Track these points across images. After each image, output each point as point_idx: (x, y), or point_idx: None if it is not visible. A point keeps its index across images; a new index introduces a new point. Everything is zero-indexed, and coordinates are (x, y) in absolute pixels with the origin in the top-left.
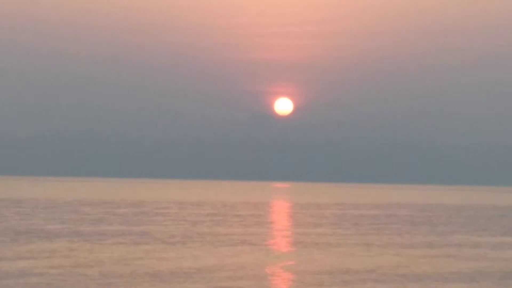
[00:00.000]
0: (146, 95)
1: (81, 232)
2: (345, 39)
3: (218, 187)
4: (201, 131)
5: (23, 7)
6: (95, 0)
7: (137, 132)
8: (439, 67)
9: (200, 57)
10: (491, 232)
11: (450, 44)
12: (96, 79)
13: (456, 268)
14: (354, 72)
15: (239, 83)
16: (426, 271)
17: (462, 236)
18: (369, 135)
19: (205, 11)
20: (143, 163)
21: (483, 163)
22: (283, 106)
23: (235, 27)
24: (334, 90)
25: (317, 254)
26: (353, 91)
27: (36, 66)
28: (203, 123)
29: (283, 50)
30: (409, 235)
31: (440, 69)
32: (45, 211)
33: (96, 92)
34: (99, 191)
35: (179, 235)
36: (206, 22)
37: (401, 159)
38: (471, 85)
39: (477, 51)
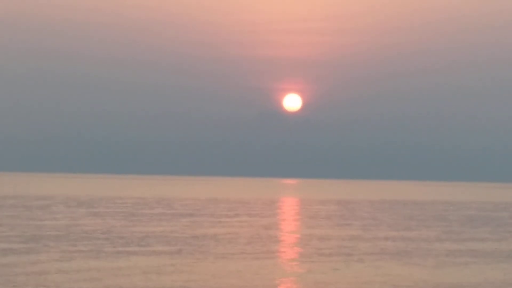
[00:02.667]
0: (155, 93)
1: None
2: (354, 36)
3: (226, 184)
4: (210, 128)
5: (24, 6)
6: None
7: (146, 130)
8: (449, 65)
9: (209, 54)
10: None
11: (460, 41)
12: (107, 78)
13: None
14: (363, 69)
15: (248, 80)
16: None
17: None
18: (377, 132)
19: (214, 9)
20: (151, 160)
21: (497, 160)
22: (292, 102)
23: (244, 24)
24: (343, 87)
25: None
26: (362, 88)
27: (40, 65)
28: (212, 119)
29: (292, 47)
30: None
31: (451, 67)
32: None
33: (106, 91)
34: (117, 188)
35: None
36: (215, 19)
37: (410, 156)
38: (488, 83)
39: (490, 48)
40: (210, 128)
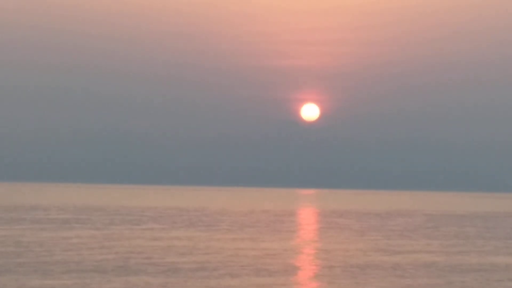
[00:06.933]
0: (169, 104)
1: None
2: (370, 46)
3: (244, 194)
4: (228, 138)
5: (29, 5)
6: (124, 5)
7: (161, 138)
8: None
9: (227, 64)
10: None
11: (476, 44)
12: (122, 92)
13: None
14: (381, 78)
15: (265, 90)
16: None
17: None
18: (397, 142)
19: (232, 19)
20: (167, 170)
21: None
22: (310, 112)
23: (261, 35)
24: (361, 96)
25: None
26: (379, 97)
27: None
28: (229, 129)
29: (309, 57)
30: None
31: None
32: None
33: (119, 91)
34: (146, 198)
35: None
36: (233, 29)
37: (428, 165)
38: (494, 87)
39: (491, 54)
40: (227, 138)
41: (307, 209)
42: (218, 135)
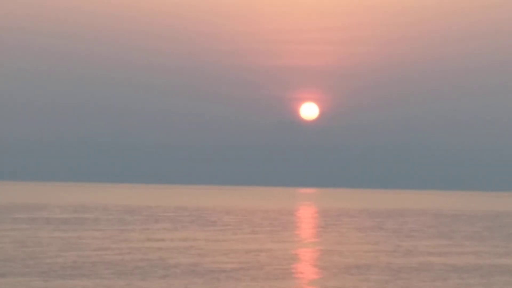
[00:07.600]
0: (173, 99)
1: None
2: (370, 45)
3: (243, 193)
4: (227, 136)
5: (34, 8)
6: (124, 4)
7: (162, 136)
8: (460, 70)
9: (227, 62)
10: None
11: (465, 49)
12: (131, 83)
13: None
14: (379, 77)
15: (265, 89)
16: None
17: None
18: (395, 140)
19: (232, 17)
20: (168, 168)
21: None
22: (309, 111)
23: (261, 33)
24: (359, 95)
25: None
26: (378, 96)
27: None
28: (229, 128)
29: (309, 56)
30: None
31: (459, 73)
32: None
33: (126, 95)
34: (151, 197)
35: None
36: (233, 28)
37: (428, 164)
38: (489, 88)
39: (491, 55)
40: (227, 137)
41: (307, 208)
42: (217, 133)
